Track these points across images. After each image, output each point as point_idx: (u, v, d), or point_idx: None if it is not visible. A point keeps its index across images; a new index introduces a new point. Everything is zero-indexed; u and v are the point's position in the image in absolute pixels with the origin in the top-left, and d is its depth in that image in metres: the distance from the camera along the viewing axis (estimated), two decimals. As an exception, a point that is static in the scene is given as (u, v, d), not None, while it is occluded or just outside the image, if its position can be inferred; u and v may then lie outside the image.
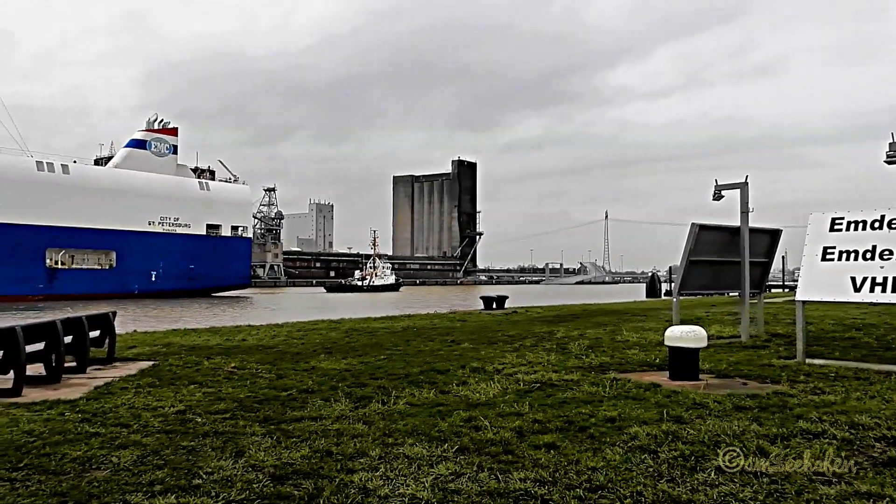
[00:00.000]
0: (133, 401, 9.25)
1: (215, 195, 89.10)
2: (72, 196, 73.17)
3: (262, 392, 9.97)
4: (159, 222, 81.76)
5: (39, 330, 10.80)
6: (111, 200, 76.56)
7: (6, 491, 5.63)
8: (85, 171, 77.42)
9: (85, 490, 5.66)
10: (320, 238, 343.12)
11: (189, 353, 14.41)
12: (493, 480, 5.89)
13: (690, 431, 7.36)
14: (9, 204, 67.82)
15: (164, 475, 6.04)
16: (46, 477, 6.00)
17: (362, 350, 15.25)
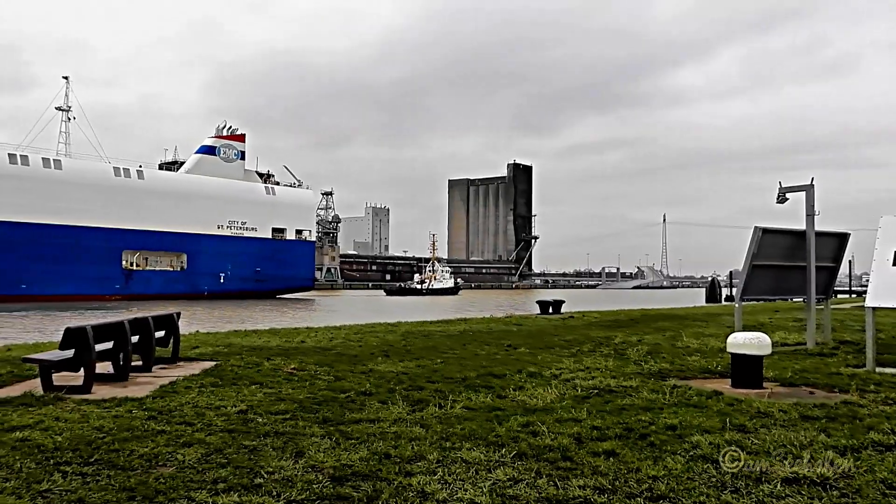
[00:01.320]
0: (197, 400, 9.47)
1: (280, 199, 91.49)
2: (146, 200, 76.19)
3: (320, 393, 10.10)
4: (228, 226, 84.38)
5: (108, 329, 11.15)
6: (183, 205, 79.57)
7: (78, 485, 5.83)
8: (158, 177, 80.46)
9: (152, 486, 5.81)
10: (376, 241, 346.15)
11: (250, 354, 14.69)
12: (552, 487, 5.85)
13: (755, 441, 7.18)
14: (89, 208, 70.95)
15: (228, 473, 6.16)
16: (115, 472, 6.19)
17: (419, 353, 15.31)
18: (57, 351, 10.59)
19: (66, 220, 69.61)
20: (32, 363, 10.59)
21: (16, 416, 8.29)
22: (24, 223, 66.64)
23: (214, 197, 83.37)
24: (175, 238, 79.22)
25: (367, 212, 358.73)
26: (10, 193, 65.71)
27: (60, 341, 10.35)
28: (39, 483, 5.81)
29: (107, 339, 11.13)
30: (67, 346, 10.22)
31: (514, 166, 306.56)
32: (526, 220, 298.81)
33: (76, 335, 10.20)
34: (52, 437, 7.32)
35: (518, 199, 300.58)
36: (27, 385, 10.60)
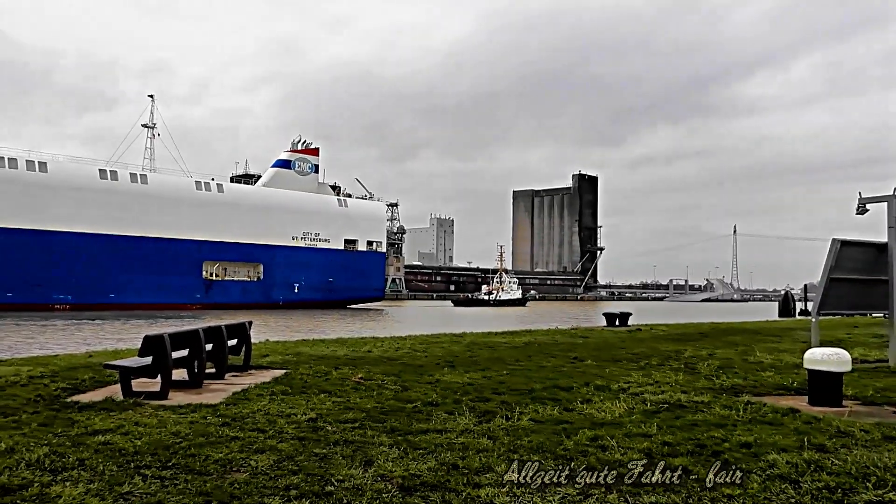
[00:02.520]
0: (268, 407, 9.67)
1: (352, 211, 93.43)
2: (226, 213, 78.99)
3: (388, 403, 10.19)
4: (302, 237, 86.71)
5: (184, 338, 11.51)
6: (260, 217, 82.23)
7: (157, 488, 6.02)
8: (237, 190, 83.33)
9: (227, 491, 5.96)
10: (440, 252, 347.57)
11: (318, 363, 14.93)
12: (623, 503, 5.76)
13: (835, 462, 6.91)
14: (173, 220, 74.11)
15: (299, 480, 6.27)
16: (192, 476, 6.37)
17: (484, 364, 15.29)
18: (136, 358, 10.99)
19: (152, 233, 72.95)
20: (113, 369, 11.00)
21: (98, 421, 8.62)
22: (114, 235, 70.02)
23: (289, 209, 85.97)
24: (252, 249, 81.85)
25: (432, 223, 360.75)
26: (101, 207, 69.22)
27: (140, 348, 10.74)
28: (121, 485, 6.03)
29: (183, 346, 11.48)
30: (146, 354, 10.58)
31: (580, 177, 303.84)
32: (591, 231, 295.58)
33: (154, 343, 10.56)
34: (132, 441, 7.58)
35: (583, 210, 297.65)
36: (108, 390, 11.02)
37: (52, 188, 66.94)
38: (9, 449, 7.13)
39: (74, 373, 12.91)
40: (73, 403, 9.82)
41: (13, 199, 64.25)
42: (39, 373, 12.93)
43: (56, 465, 6.59)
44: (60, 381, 11.92)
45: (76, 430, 8.10)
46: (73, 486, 5.97)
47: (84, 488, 5.92)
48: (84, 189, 69.14)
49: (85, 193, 69.02)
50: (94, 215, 69.13)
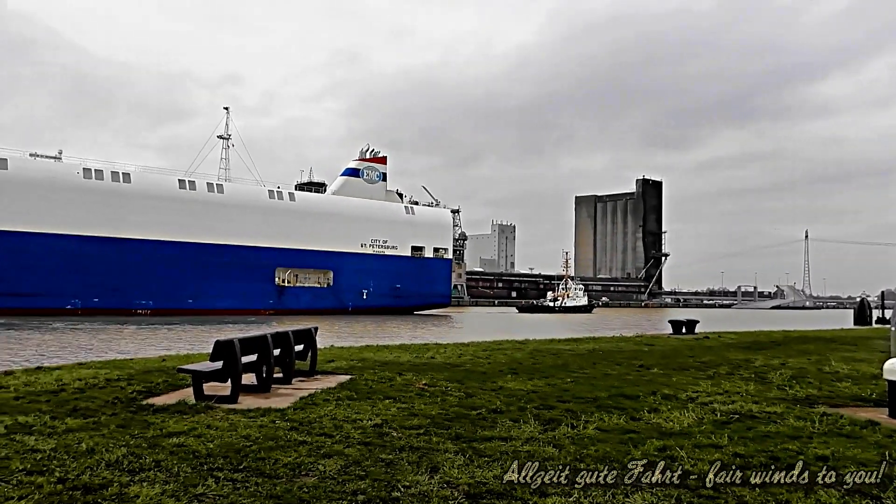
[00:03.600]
0: (335, 412, 9.81)
1: (419, 219, 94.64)
2: (297, 220, 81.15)
3: (452, 410, 10.21)
4: (370, 244, 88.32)
5: (253, 343, 11.77)
6: (330, 224, 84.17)
7: (230, 490, 6.17)
8: (307, 198, 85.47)
9: (296, 495, 6.07)
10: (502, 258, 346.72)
11: (382, 369, 15.07)
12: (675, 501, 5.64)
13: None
14: (247, 228, 76.57)
15: (366, 486, 6.34)
16: (262, 480, 6.50)
17: (548, 371, 15.19)
18: (208, 362, 11.28)
19: (228, 240, 75.58)
20: (186, 373, 11.33)
21: (172, 423, 8.89)
22: (192, 243, 72.85)
23: (358, 217, 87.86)
24: (322, 256, 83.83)
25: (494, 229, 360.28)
26: (180, 215, 72.01)
27: (211, 353, 11.02)
28: (195, 487, 6.20)
29: (252, 351, 11.74)
30: (217, 358, 10.86)
31: (643, 182, 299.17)
32: (655, 236, 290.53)
33: (225, 348, 10.83)
34: (204, 443, 7.79)
35: (647, 216, 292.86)
36: (181, 394, 11.34)
37: (135, 198, 70.02)
38: (89, 449, 7.41)
39: (149, 376, 13.34)
40: (149, 406, 10.15)
41: (100, 208, 67.32)
42: (116, 376, 13.40)
43: (134, 466, 6.82)
44: (136, 384, 12.34)
45: (152, 432, 8.37)
46: (149, 486, 6.17)
47: (160, 489, 6.10)
48: (164, 199, 72.13)
49: (165, 203, 71.98)
50: (174, 224, 72.10)
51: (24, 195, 63.30)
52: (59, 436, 8.11)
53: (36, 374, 14.00)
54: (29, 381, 12.75)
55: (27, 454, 7.19)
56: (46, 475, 6.46)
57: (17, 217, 62.74)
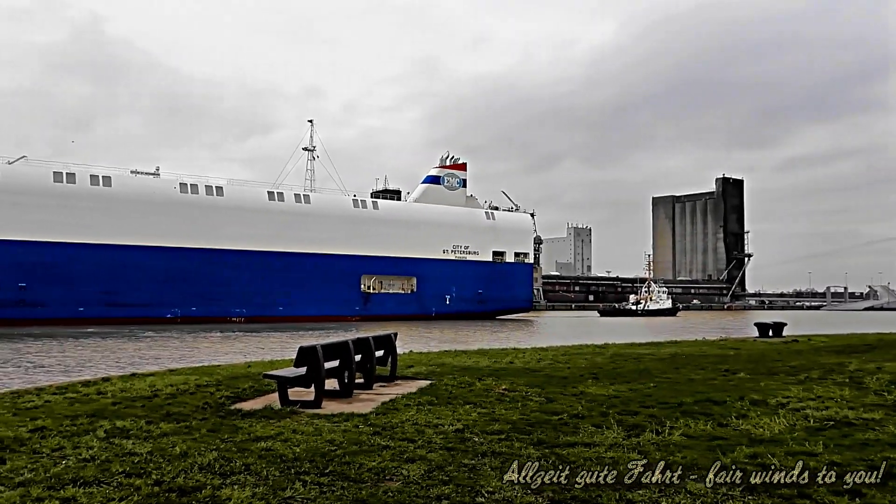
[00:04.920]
0: (416, 417, 9.88)
1: (500, 224, 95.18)
2: (380, 229, 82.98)
3: (533, 415, 10.14)
4: (452, 250, 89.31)
5: (335, 349, 11.98)
6: (412, 232, 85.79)
7: (317, 494, 6.29)
8: (390, 206, 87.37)
9: (381, 499, 6.14)
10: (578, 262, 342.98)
11: (462, 374, 15.10)
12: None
13: None
14: (333, 237, 78.83)
15: (450, 491, 6.36)
16: (348, 484, 6.60)
17: (629, 376, 14.92)
18: (292, 368, 11.55)
19: (315, 249, 78.13)
20: (271, 379, 11.62)
21: (259, 428, 9.13)
22: (281, 252, 75.41)
23: (440, 223, 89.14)
24: (406, 263, 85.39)
25: (569, 232, 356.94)
26: (269, 226, 74.72)
27: (295, 359, 11.27)
28: (284, 490, 6.34)
29: (334, 357, 11.95)
30: (301, 364, 11.10)
31: (724, 181, 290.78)
32: (737, 237, 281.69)
33: (308, 354, 11.06)
34: (291, 448, 7.97)
35: (728, 216, 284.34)
36: (267, 399, 11.64)
37: (228, 210, 73.14)
38: (183, 453, 7.68)
39: (236, 382, 13.75)
40: (237, 411, 10.45)
41: (196, 221, 70.65)
42: (205, 381, 13.87)
43: (225, 469, 7.03)
44: (224, 389, 12.73)
45: (240, 436, 8.61)
46: (240, 489, 6.34)
47: (251, 492, 6.27)
48: (255, 210, 75.12)
49: (256, 214, 74.95)
50: (265, 234, 74.91)
51: (127, 210, 66.72)
52: (155, 440, 8.44)
53: (131, 380, 14.62)
54: (125, 387, 13.33)
55: (125, 457, 7.51)
56: (144, 477, 6.73)
57: (121, 231, 66.14)
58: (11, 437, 8.58)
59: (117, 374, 17.60)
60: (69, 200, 63.75)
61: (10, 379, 20.75)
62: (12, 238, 60.62)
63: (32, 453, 7.76)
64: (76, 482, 6.55)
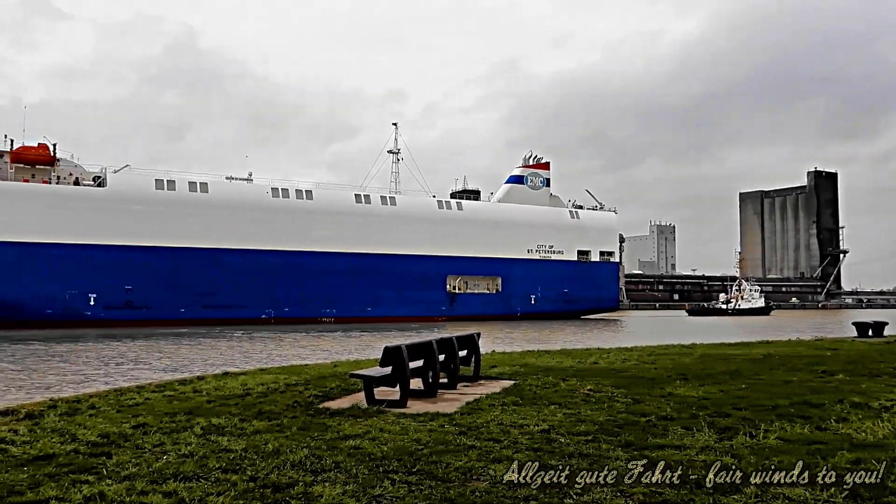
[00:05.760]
0: (501, 417, 9.87)
1: (584, 223, 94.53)
2: (465, 229, 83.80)
3: (619, 416, 9.98)
4: (536, 250, 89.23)
5: (419, 349, 12.09)
6: (497, 232, 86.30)
7: (405, 492, 6.36)
8: (474, 207, 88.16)
9: (469, 499, 6.15)
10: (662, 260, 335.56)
11: (545, 374, 15.00)
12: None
13: None
14: (419, 238, 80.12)
15: (538, 492, 6.32)
16: (436, 483, 6.65)
17: (719, 377, 14.51)
18: (378, 368, 11.72)
19: (401, 250, 79.72)
20: (357, 379, 11.83)
21: (347, 426, 9.30)
22: (369, 254, 77.30)
23: (524, 223, 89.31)
24: (491, 263, 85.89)
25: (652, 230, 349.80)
26: (357, 228, 76.56)
27: (380, 359, 11.44)
28: (373, 488, 6.44)
29: (418, 357, 12.06)
30: (386, 364, 11.26)
31: (816, 174, 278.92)
32: (831, 232, 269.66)
33: (393, 354, 11.20)
34: (378, 446, 8.08)
35: (821, 211, 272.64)
36: (354, 398, 11.85)
37: (317, 213, 75.29)
38: (275, 450, 7.90)
39: (323, 381, 14.05)
40: (325, 410, 10.68)
41: (288, 224, 73.23)
42: (294, 381, 14.23)
43: (315, 467, 7.20)
44: (312, 388, 13.03)
45: (330, 434, 8.80)
46: (331, 486, 6.48)
47: (341, 489, 6.40)
48: (343, 213, 77.08)
49: (344, 217, 76.91)
50: (352, 236, 76.79)
51: (223, 215, 69.52)
52: (248, 437, 8.71)
53: (224, 379, 15.15)
54: (218, 385, 13.82)
55: (221, 453, 7.78)
56: (239, 473, 6.96)
57: (218, 235, 68.98)
58: (116, 432, 9.03)
59: (211, 372, 18.27)
60: (170, 206, 66.84)
61: (113, 377, 21.80)
62: (119, 243, 63.76)
63: (136, 448, 8.14)
64: (176, 477, 6.83)
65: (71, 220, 61.92)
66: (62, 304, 60.99)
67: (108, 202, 64.11)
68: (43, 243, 60.65)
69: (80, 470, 7.14)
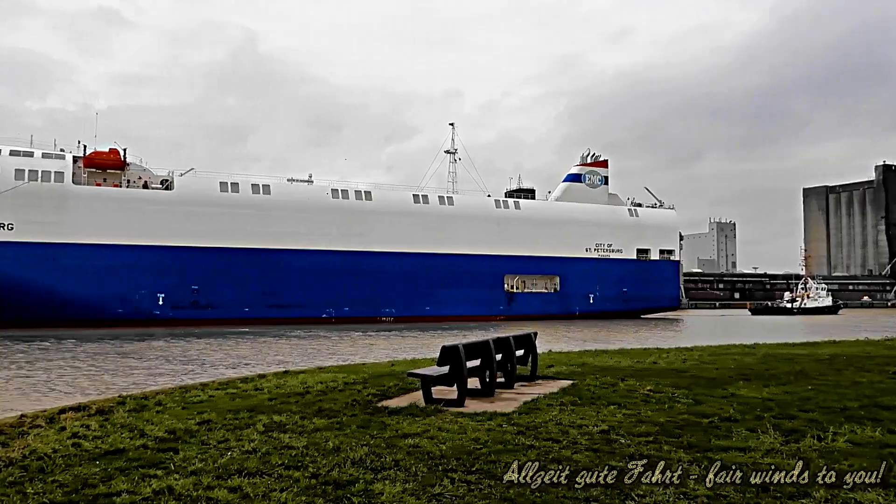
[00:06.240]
0: (559, 417, 9.81)
1: (643, 221, 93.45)
2: (523, 228, 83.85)
3: (680, 417, 9.82)
4: (595, 249, 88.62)
5: (476, 348, 12.09)
6: (555, 230, 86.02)
7: (465, 491, 6.38)
8: (532, 206, 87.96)
9: (529, 498, 6.14)
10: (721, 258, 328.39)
11: (603, 374, 14.84)
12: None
13: None
14: (476, 237, 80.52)
15: (598, 493, 6.26)
16: (494, 482, 6.65)
17: (784, 378, 14.14)
18: (435, 367, 11.77)
19: (459, 250, 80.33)
20: (415, 378, 11.90)
21: (406, 425, 9.36)
22: (427, 253, 77.97)
23: (582, 222, 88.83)
24: (549, 262, 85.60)
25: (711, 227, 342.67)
26: (415, 228, 77.44)
27: (438, 358, 11.48)
28: (433, 487, 6.48)
29: (475, 356, 12.07)
30: (444, 363, 11.30)
31: (885, 168, 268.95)
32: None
33: (451, 353, 11.23)
34: (437, 445, 8.12)
35: (890, 206, 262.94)
36: (411, 397, 11.93)
37: (376, 214, 76.39)
38: (336, 448, 8.01)
39: (381, 380, 14.17)
40: (384, 408, 10.78)
41: (347, 224, 74.48)
42: (352, 379, 14.39)
43: (376, 465, 7.27)
44: (370, 387, 13.16)
45: (388, 433, 8.87)
46: (391, 484, 6.54)
47: (401, 487, 6.45)
48: (402, 213, 77.97)
49: (403, 217, 77.75)
50: (411, 236, 77.67)
51: (285, 216, 71.09)
52: (309, 434, 8.85)
53: (284, 377, 15.41)
54: (279, 383, 14.07)
55: (283, 450, 7.93)
56: (301, 470, 7.08)
57: (280, 236, 70.54)
58: (182, 428, 9.28)
59: (271, 371, 18.62)
60: (234, 208, 68.56)
61: (178, 375, 22.41)
62: (186, 245, 65.68)
63: (201, 444, 8.35)
64: (241, 472, 6.99)
65: (142, 222, 64.11)
66: (133, 304, 63.12)
67: (176, 205, 66.16)
68: (116, 245, 62.95)
69: (149, 464, 7.37)
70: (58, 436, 8.93)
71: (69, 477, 6.91)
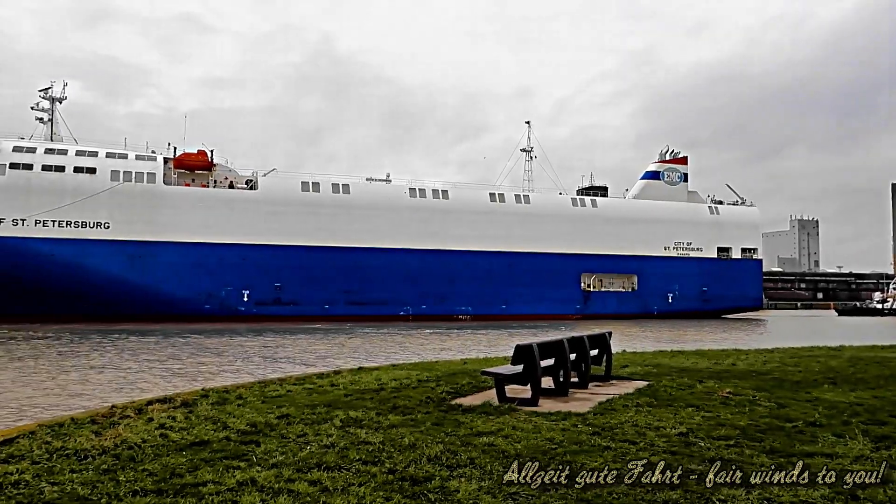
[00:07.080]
0: (635, 419, 9.67)
1: (724, 219, 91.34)
2: (600, 226, 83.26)
3: (762, 421, 9.55)
4: (674, 247, 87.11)
5: (550, 347, 12.03)
6: (632, 229, 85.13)
7: (541, 491, 6.36)
8: (609, 204, 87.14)
9: (606, 500, 6.08)
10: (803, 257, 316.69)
11: (680, 375, 14.55)
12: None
13: None
14: (553, 236, 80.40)
15: (678, 496, 6.16)
16: (569, 483, 6.60)
17: (873, 382, 13.58)
18: (509, 366, 11.77)
19: (535, 248, 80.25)
20: (489, 376, 11.92)
21: (479, 423, 9.40)
22: (503, 252, 78.27)
23: (660, 220, 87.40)
24: (626, 261, 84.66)
25: (792, 225, 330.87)
26: (492, 227, 78.00)
27: (511, 357, 11.48)
28: (508, 486, 6.48)
29: (549, 356, 12.01)
30: (518, 362, 11.28)
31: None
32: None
33: (524, 352, 11.21)
34: (511, 444, 8.13)
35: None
36: (485, 395, 11.96)
37: (454, 212, 77.19)
38: (411, 444, 8.11)
39: (454, 378, 14.25)
40: (457, 406, 10.84)
41: (425, 223, 75.53)
42: (426, 377, 14.52)
43: (451, 462, 7.33)
44: (444, 384, 13.25)
45: (463, 430, 8.92)
46: (467, 482, 6.58)
47: (477, 485, 6.48)
48: (478, 212, 78.51)
49: (480, 215, 78.37)
50: (488, 234, 78.24)
51: (364, 215, 72.54)
52: (385, 430, 8.98)
53: (359, 373, 15.67)
54: (354, 380, 14.32)
55: (361, 445, 8.07)
56: (378, 465, 7.19)
57: (360, 234, 72.01)
58: (263, 422, 9.55)
59: (346, 367, 18.94)
60: (315, 207, 70.26)
61: (259, 369, 23.03)
62: (270, 243, 67.63)
63: (281, 438, 8.58)
64: (320, 466, 7.15)
65: (228, 221, 66.42)
66: (219, 301, 65.42)
67: (260, 204, 68.29)
68: (204, 243, 65.41)
69: (233, 456, 7.61)
70: (146, 426, 9.32)
71: (158, 466, 7.20)
